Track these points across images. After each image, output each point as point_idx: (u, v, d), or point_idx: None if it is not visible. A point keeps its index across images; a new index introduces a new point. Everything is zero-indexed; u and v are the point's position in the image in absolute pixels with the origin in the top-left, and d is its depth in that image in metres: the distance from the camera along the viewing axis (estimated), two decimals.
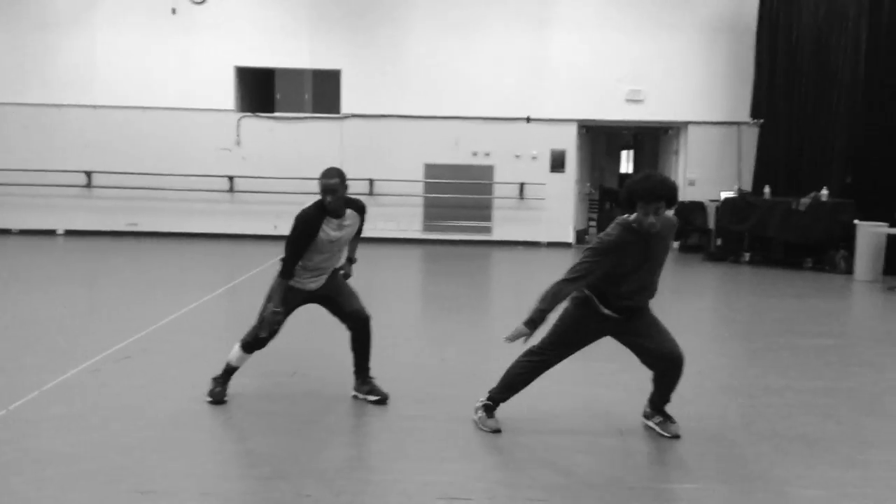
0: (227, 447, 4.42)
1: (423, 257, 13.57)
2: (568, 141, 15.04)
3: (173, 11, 14.67)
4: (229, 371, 5.18)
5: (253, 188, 14.86)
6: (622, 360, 4.57)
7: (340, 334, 5.18)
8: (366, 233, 5.32)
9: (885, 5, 12.23)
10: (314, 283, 5.08)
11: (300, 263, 4.95)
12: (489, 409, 4.76)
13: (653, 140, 17.49)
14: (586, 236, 16.62)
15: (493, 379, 5.08)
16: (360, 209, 5.18)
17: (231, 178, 14.89)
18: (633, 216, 4.30)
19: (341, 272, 5.26)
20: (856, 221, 11.69)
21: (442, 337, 7.51)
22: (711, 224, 14.23)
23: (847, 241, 11.93)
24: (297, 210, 5.11)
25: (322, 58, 14.88)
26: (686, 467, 4.28)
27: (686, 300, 10.02)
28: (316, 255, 4.95)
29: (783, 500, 3.89)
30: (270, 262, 11.79)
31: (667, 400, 4.73)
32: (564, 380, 5.79)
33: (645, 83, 14.73)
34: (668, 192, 4.22)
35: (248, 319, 5.15)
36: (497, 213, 15.10)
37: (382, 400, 5.15)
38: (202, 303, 8.54)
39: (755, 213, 12.83)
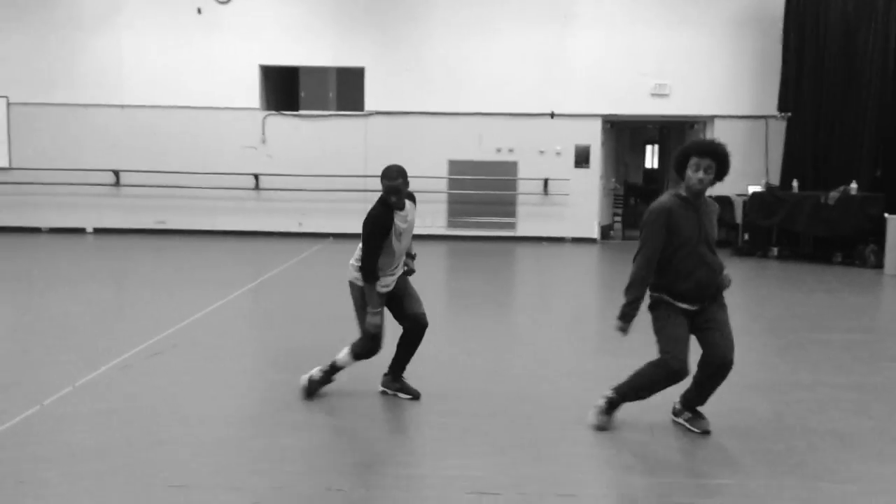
0: (257, 443, 4.46)
1: (447, 254, 13.58)
2: (592, 136, 14.97)
3: (199, 11, 14.79)
4: (334, 369, 5.19)
5: (278, 186, 14.95)
6: (645, 355, 4.54)
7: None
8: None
9: None
10: (390, 282, 5.10)
11: (379, 265, 4.96)
12: (610, 406, 4.68)
13: (678, 134, 17.34)
14: (611, 231, 16.55)
15: (518, 374, 5.09)
16: (413, 199, 5.21)
17: (256, 177, 14.99)
18: (683, 185, 4.37)
19: (405, 268, 5.27)
20: (886, 215, 11.53)
21: (466, 333, 7.52)
22: (739, 219, 14.10)
23: (877, 235, 11.78)
24: (321, 207, 5.14)
25: (345, 56, 14.93)
26: (719, 462, 4.25)
27: None
28: (389, 253, 4.98)
29: (816, 494, 3.85)
30: (296, 259, 11.88)
31: (702, 402, 4.69)
32: (589, 376, 5.78)
33: (670, 77, 14.63)
34: (718, 149, 4.30)
35: (274, 316, 5.19)
36: (521, 209, 15.07)
37: (415, 398, 5.19)
38: (230, 299, 8.61)
39: (783, 208, 12.70)
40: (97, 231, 15.16)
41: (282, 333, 7.30)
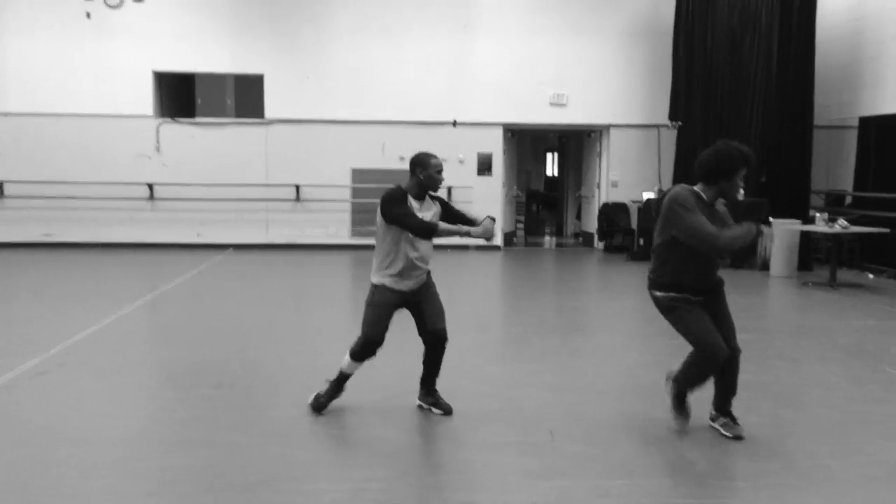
0: (150, 464, 4.29)
1: (351, 263, 13.46)
2: (494, 144, 15.16)
3: (88, 16, 14.24)
4: (342, 377, 5.07)
5: (174, 195, 14.51)
6: (544, 361, 4.60)
7: (268, 344, 5.07)
8: (294, 239, 5.24)
9: (795, 10, 12.73)
10: (411, 282, 5.00)
11: (404, 260, 4.93)
12: (680, 403, 4.80)
13: (577, 143, 17.78)
14: (514, 238, 16.78)
15: (417, 384, 5.07)
16: (440, 202, 5.22)
17: (151, 186, 14.51)
18: (706, 187, 4.59)
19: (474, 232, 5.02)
20: (771, 219, 12.09)
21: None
22: (634, 224, 14.54)
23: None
24: (220, 217, 5.02)
25: (244, 62, 14.65)
26: (613, 462, 4.34)
27: (610, 299, 10.20)
28: (395, 252, 4.94)
29: (708, 492, 3.97)
30: (194, 272, 11.55)
31: (728, 399, 4.84)
32: (491, 382, 5.82)
33: (567, 87, 14.96)
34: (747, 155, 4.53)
35: (169, 331, 5.01)
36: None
37: (446, 413, 5.08)
38: (122, 315, 8.28)
39: None
40: None
41: (177, 350, 7.05)
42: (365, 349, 4.94)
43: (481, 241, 5.09)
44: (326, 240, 14.74)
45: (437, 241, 4.99)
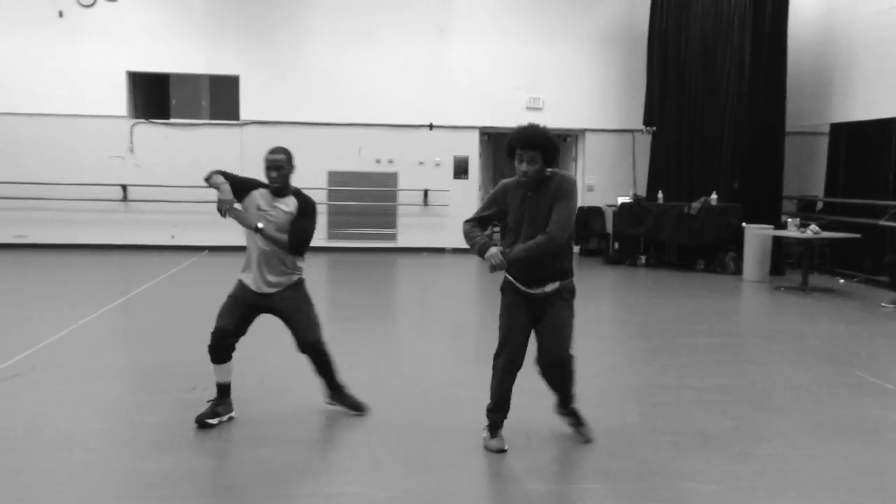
0: (123, 467, 4.24)
1: (327, 265, 13.41)
2: (471, 148, 15.19)
3: (60, 14, 14.07)
4: (221, 389, 4.90)
5: (148, 197, 14.37)
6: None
7: (241, 348, 5.02)
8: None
9: (767, 17, 12.89)
10: (251, 276, 4.87)
11: (248, 252, 4.87)
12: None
13: None
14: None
15: (397, 386, 5.05)
16: (304, 203, 4.94)
17: (125, 187, 14.36)
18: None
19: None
20: (743, 224, 12.23)
21: (346, 345, 7.42)
22: (609, 228, 14.63)
23: (735, 243, 12.48)
24: (195, 219, 5.03)
25: (219, 63, 14.55)
26: (587, 466, 4.36)
27: (585, 303, 10.22)
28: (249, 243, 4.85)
29: (682, 495, 4.01)
30: (168, 273, 11.45)
31: (563, 401, 4.71)
32: (470, 386, 5.83)
33: (543, 91, 15.03)
34: (538, 139, 4.25)
35: (142, 334, 4.97)
36: (402, 220, 15.10)
37: (360, 412, 5.05)
38: (95, 317, 8.18)
39: (650, 218, 13.25)
40: None
41: (150, 353, 6.98)
42: (212, 346, 4.80)
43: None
44: None
45: (404, 243, 4.97)
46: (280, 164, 4.84)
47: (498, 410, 4.54)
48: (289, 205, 4.90)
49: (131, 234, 14.47)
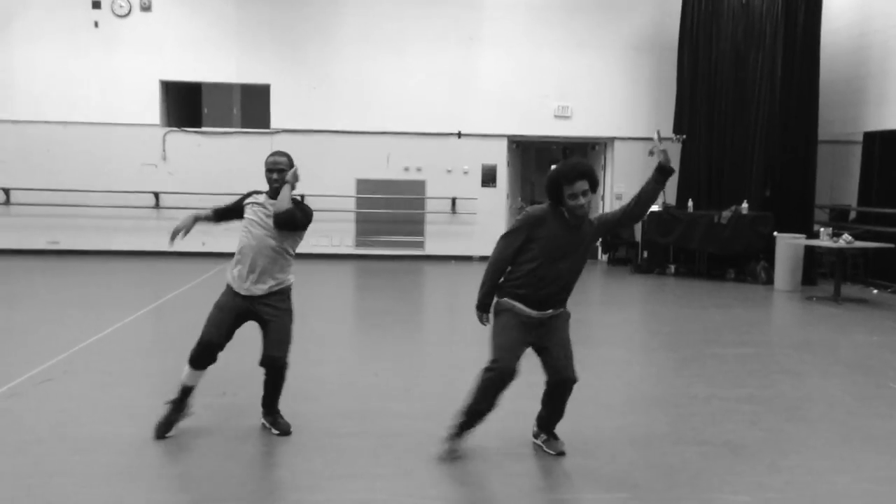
0: (154, 471, 4.30)
1: (355, 273, 13.49)
2: (499, 156, 15.20)
3: (96, 25, 14.33)
4: (184, 391, 4.87)
5: (180, 204, 14.55)
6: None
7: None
8: (297, 249, 5.19)
9: (799, 25, 12.77)
10: (237, 281, 4.89)
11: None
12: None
13: (581, 155, 17.78)
14: None
15: (425, 393, 5.05)
16: (301, 204, 5.04)
17: (157, 195, 14.56)
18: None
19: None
20: (775, 233, 12.10)
21: (374, 353, 7.47)
22: (638, 237, 14.54)
23: (767, 252, 12.35)
24: (225, 226, 5.15)
25: (250, 72, 14.72)
26: (615, 477, 4.34)
27: (614, 312, 10.20)
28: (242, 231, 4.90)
29: None
30: (198, 280, 11.58)
31: (553, 422, 4.68)
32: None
33: (572, 99, 15.01)
34: (587, 170, 4.31)
35: (172, 340, 5.03)
36: (429, 228, 15.13)
37: (284, 434, 4.84)
38: (126, 323, 8.30)
39: (679, 227, 13.16)
40: None
41: (181, 358, 7.03)
42: (198, 355, 4.83)
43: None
44: (331, 249, 14.78)
45: (432, 251, 4.99)
46: (282, 166, 4.92)
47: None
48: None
49: (163, 241, 14.51)
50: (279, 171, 4.90)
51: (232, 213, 5.09)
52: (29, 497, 3.89)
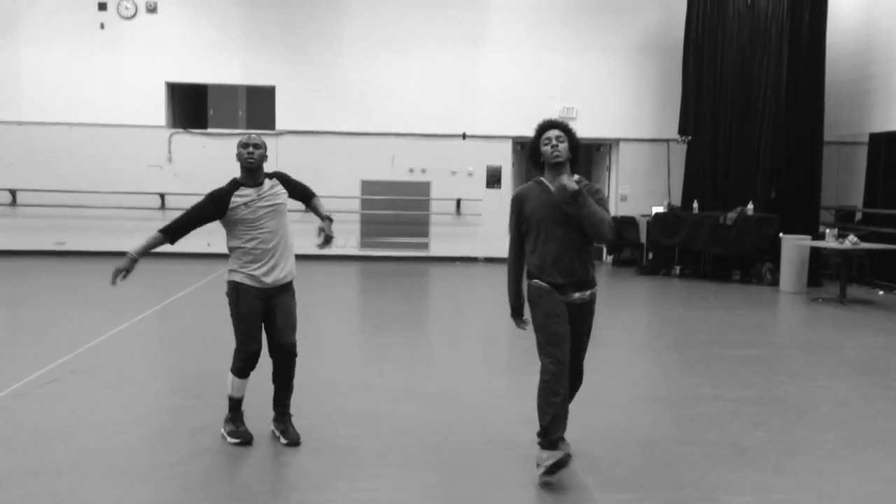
0: (161, 471, 4.31)
1: (360, 274, 13.50)
2: (503, 157, 15.21)
3: (102, 26, 14.38)
4: (231, 402, 4.80)
5: (185, 205, 14.50)
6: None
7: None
8: (302, 250, 5.20)
9: (805, 26, 12.75)
10: (264, 273, 4.75)
11: (240, 246, 4.81)
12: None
13: (586, 156, 17.78)
14: None
15: (430, 394, 5.06)
16: (280, 178, 5.04)
17: (163, 196, 14.59)
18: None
19: (320, 240, 4.96)
20: (780, 234, 12.08)
21: (379, 353, 7.48)
22: (643, 238, 14.53)
23: (772, 253, 12.32)
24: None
25: (255, 74, 14.75)
26: (621, 477, 4.34)
27: (619, 313, 10.19)
28: (249, 237, 4.80)
29: None
30: (204, 281, 11.61)
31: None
32: (501, 395, 5.84)
33: (577, 101, 15.01)
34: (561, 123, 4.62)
35: (179, 340, 5.04)
36: (434, 229, 15.15)
37: (293, 444, 4.70)
38: (132, 323, 8.33)
39: (684, 228, 13.14)
40: None
41: (187, 358, 7.09)
42: (245, 361, 4.76)
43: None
44: (335, 251, 14.78)
45: (436, 252, 4.98)
46: (258, 143, 4.90)
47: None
48: (273, 185, 4.97)
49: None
50: (256, 146, 4.89)
51: (202, 220, 5.01)
52: (39, 496, 3.90)
